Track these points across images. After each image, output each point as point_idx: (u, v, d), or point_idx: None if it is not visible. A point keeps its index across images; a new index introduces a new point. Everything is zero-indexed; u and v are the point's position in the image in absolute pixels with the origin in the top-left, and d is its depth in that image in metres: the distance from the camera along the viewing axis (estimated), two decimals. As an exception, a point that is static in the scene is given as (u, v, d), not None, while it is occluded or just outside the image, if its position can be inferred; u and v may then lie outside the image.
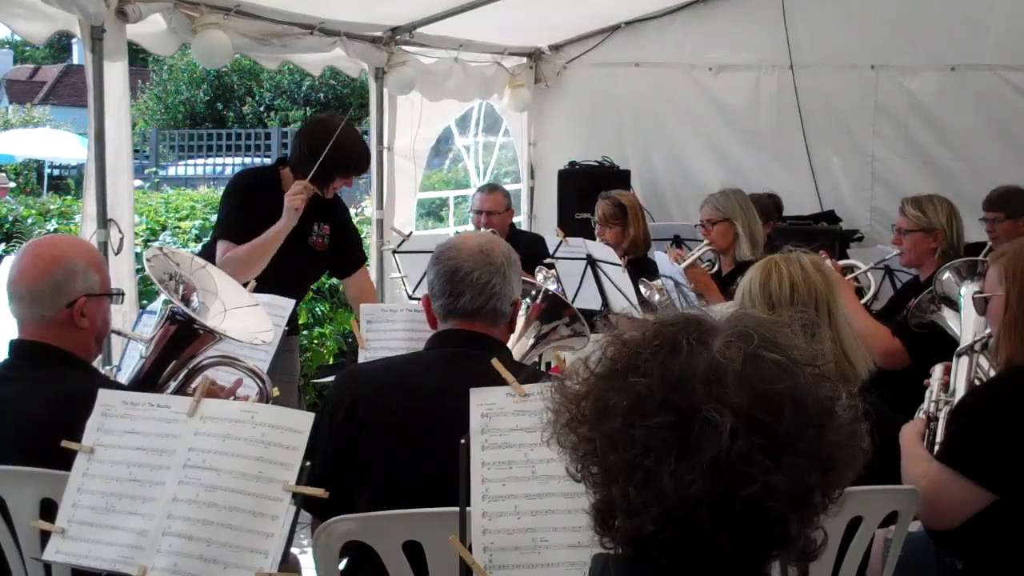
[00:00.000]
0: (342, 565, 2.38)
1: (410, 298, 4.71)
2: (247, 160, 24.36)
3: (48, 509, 2.36)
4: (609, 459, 1.30)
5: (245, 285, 3.37)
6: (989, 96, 6.89)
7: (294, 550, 2.57)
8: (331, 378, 3.33)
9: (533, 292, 3.38)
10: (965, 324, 3.30)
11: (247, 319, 3.09)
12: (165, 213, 7.74)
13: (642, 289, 4.71)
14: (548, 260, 5.14)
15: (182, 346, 2.95)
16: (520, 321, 3.20)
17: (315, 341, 6.61)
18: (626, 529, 1.31)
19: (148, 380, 2.93)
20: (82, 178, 4.70)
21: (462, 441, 2.15)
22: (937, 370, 3.14)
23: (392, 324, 3.60)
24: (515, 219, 6.57)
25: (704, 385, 1.25)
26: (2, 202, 10.50)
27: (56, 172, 21.73)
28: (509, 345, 2.82)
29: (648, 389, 1.27)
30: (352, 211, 8.89)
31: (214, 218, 4.83)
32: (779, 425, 1.24)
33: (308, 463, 2.19)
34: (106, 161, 4.33)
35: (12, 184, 16.73)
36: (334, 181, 4.28)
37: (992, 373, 3.03)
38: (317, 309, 6.73)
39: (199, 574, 2.15)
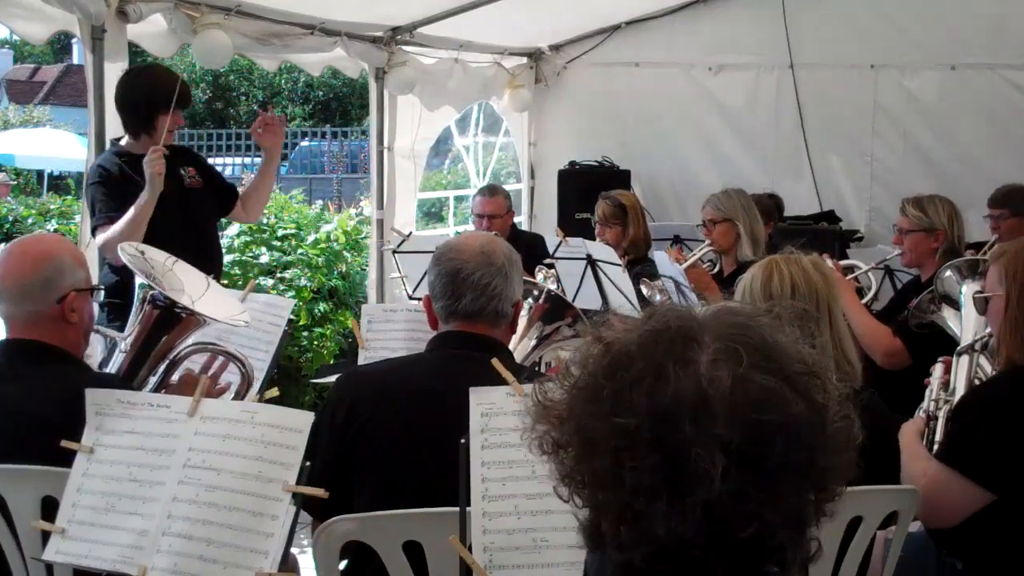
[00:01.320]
0: (342, 565, 2.38)
1: (410, 298, 4.71)
2: (247, 160, 24.36)
3: (49, 507, 2.36)
4: (597, 496, 1.27)
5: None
6: (989, 96, 6.89)
7: (294, 550, 2.57)
8: (331, 378, 3.33)
9: (535, 292, 3.37)
10: (966, 323, 3.30)
11: (217, 304, 3.09)
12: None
13: (643, 289, 4.71)
14: (548, 260, 5.14)
15: (166, 329, 2.96)
16: (522, 322, 3.19)
17: (315, 341, 6.61)
18: (617, 559, 1.28)
19: (135, 364, 2.95)
20: (82, 178, 4.69)
21: (462, 441, 2.16)
22: (937, 369, 3.14)
23: (392, 324, 3.60)
24: (515, 219, 6.57)
25: (692, 421, 1.20)
26: (2, 202, 10.50)
27: (56, 172, 21.72)
28: (511, 346, 2.82)
29: (636, 428, 1.22)
30: (352, 211, 8.94)
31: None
32: (771, 457, 1.21)
33: (308, 463, 2.19)
34: (106, 161, 4.33)
35: (13, 182, 16.74)
36: (157, 119, 4.13)
37: (992, 373, 3.03)
38: (317, 309, 6.73)
39: (199, 574, 2.15)
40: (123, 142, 4.24)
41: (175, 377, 3.00)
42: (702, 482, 1.19)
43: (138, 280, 3.03)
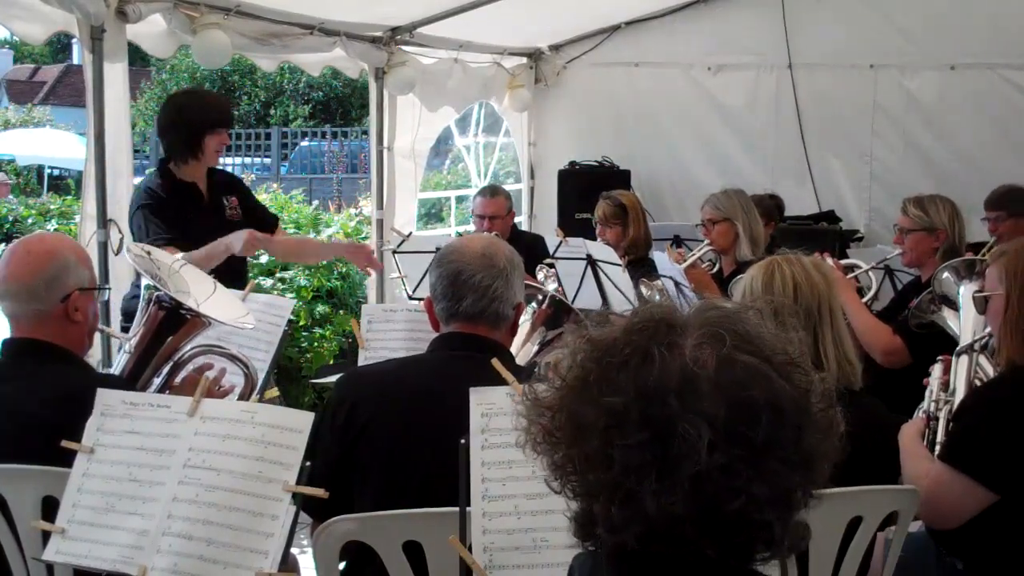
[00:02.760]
0: (342, 565, 2.38)
1: (410, 298, 4.71)
2: (247, 160, 24.36)
3: (49, 507, 2.36)
4: (588, 478, 1.29)
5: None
6: (989, 96, 6.88)
7: (294, 550, 2.57)
8: (331, 378, 3.33)
9: (539, 297, 3.37)
10: (964, 323, 3.30)
11: (223, 307, 3.09)
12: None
13: (643, 290, 4.71)
14: (548, 260, 5.13)
15: (171, 330, 2.96)
16: (525, 327, 3.19)
17: (315, 342, 6.61)
18: (609, 543, 1.30)
19: (139, 365, 2.94)
20: (82, 178, 4.69)
21: (462, 441, 2.16)
22: (936, 369, 3.14)
23: (392, 324, 3.60)
24: (515, 219, 6.57)
25: (679, 397, 1.23)
26: (2, 202, 10.50)
27: (56, 172, 21.74)
28: (514, 350, 2.83)
29: (624, 407, 1.25)
30: (352, 211, 8.93)
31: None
32: (757, 433, 1.23)
33: (308, 463, 2.19)
34: (106, 161, 4.33)
35: (12, 182, 16.73)
36: (204, 140, 4.22)
37: (992, 373, 3.03)
38: (317, 310, 6.73)
39: (199, 574, 2.15)
40: (171, 165, 4.27)
41: (179, 379, 3.00)
42: (689, 456, 1.21)
43: (144, 281, 3.02)
